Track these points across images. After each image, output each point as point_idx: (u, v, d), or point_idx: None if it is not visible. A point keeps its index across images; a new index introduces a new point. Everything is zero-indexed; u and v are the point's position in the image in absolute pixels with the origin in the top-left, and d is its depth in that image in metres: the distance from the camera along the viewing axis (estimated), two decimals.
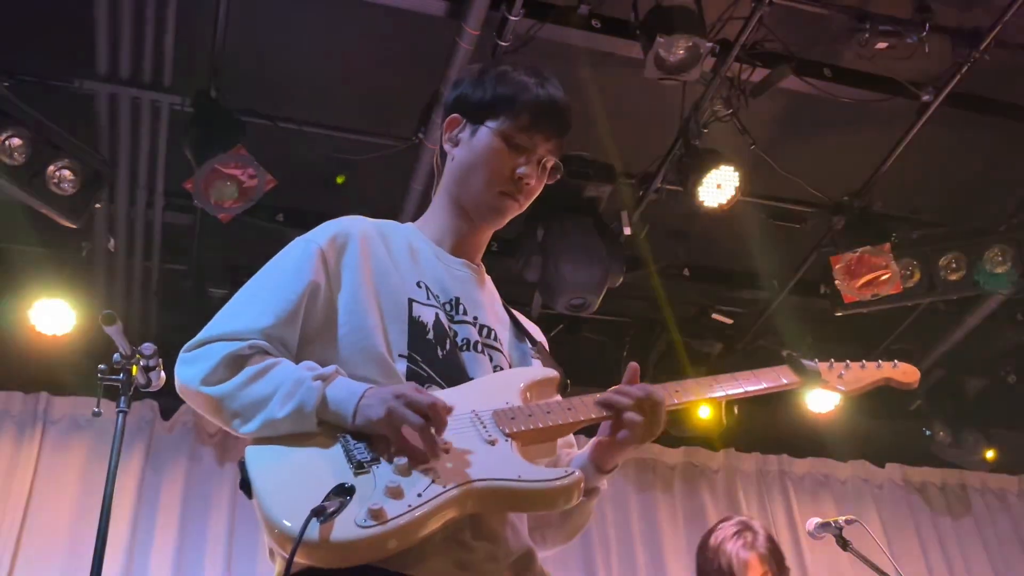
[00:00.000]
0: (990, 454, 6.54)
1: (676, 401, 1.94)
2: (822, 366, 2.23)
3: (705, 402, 2.03)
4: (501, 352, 2.00)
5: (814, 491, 6.71)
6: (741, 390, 2.06)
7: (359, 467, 1.62)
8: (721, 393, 2.03)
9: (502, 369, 1.98)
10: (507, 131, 1.98)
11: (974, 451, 6.54)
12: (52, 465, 5.40)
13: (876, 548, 3.42)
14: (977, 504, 7.04)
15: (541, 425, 1.80)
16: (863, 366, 2.29)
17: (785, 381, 2.15)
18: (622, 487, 6.34)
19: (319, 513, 1.51)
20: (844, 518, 3.51)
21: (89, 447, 5.46)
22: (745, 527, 3.64)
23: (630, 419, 1.81)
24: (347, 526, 1.52)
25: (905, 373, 2.33)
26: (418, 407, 1.64)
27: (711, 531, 3.73)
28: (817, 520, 3.54)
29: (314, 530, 1.51)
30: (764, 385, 2.11)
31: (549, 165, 2.03)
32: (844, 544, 3.50)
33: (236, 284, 1.93)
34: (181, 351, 1.80)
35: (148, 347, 3.35)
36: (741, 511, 6.37)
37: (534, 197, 2.06)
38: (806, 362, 2.18)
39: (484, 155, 1.99)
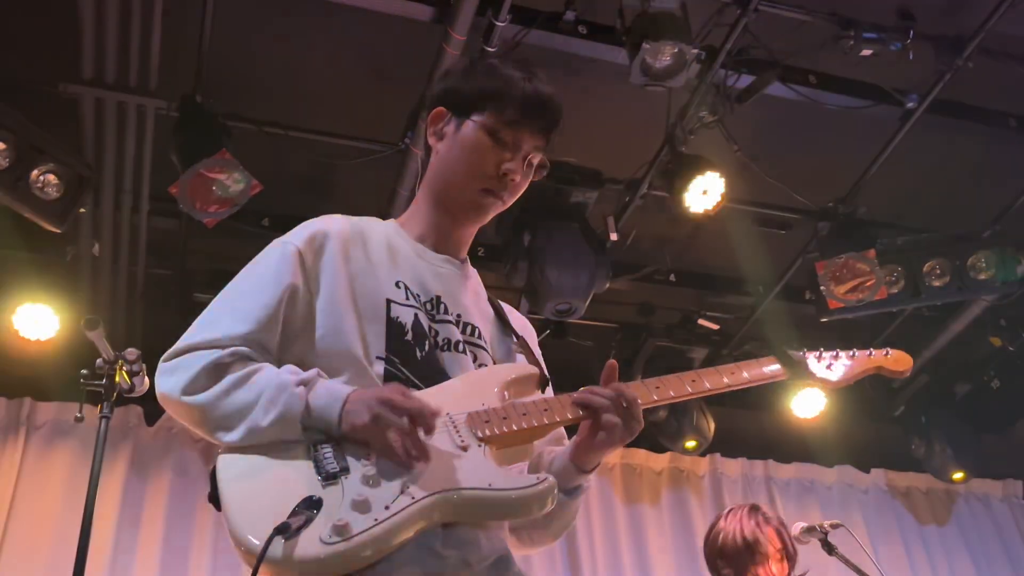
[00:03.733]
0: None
1: (656, 398, 1.89)
2: (809, 356, 2.17)
3: (688, 398, 1.97)
4: (485, 350, 1.97)
5: (800, 496, 6.72)
6: (725, 383, 1.99)
7: (328, 478, 1.60)
8: (704, 388, 1.96)
9: (484, 367, 1.94)
10: (492, 125, 1.94)
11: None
12: (35, 471, 5.35)
13: (861, 553, 3.43)
14: (961, 509, 7.06)
15: (516, 428, 1.76)
16: (853, 355, 2.23)
17: (770, 372, 2.08)
18: (608, 493, 6.34)
19: (283, 531, 1.49)
20: (830, 522, 3.52)
21: (73, 453, 5.42)
22: (757, 509, 3.64)
23: (608, 421, 1.78)
24: (311, 543, 1.50)
25: (897, 361, 2.25)
26: (403, 411, 1.63)
27: (720, 516, 3.72)
28: (803, 525, 3.54)
29: (277, 548, 1.48)
30: (748, 377, 2.04)
31: (535, 162, 1.99)
32: (830, 549, 3.51)
33: (221, 289, 1.91)
34: (160, 361, 1.78)
35: (131, 352, 3.34)
36: None
37: (519, 194, 2.02)
38: (792, 352, 2.13)
39: (468, 149, 1.95)
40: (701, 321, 6.08)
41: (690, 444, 6.21)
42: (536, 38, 4.28)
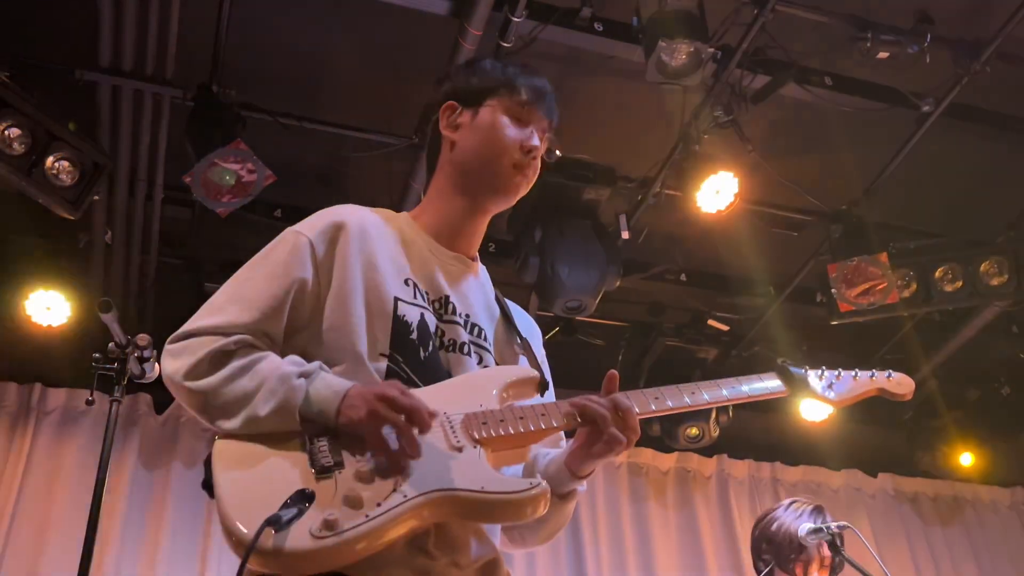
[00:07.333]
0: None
1: (654, 408, 1.87)
2: (811, 374, 2.13)
3: (686, 410, 1.95)
4: (490, 352, 1.97)
5: None
6: (724, 397, 1.97)
7: (322, 472, 1.59)
8: (703, 400, 1.94)
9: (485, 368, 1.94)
10: (510, 106, 2.02)
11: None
12: (45, 456, 5.38)
13: (867, 555, 3.42)
14: (969, 516, 7.04)
15: (511, 431, 1.74)
16: (855, 376, 2.19)
17: (771, 389, 2.05)
18: (614, 492, 6.34)
19: (274, 522, 1.48)
20: (836, 524, 3.51)
21: (82, 439, 5.44)
22: (822, 511, 3.62)
23: (611, 435, 1.77)
24: (301, 536, 1.49)
25: (899, 384, 2.22)
26: (401, 408, 1.63)
27: (781, 504, 3.71)
28: (810, 525, 3.53)
29: (268, 539, 1.48)
30: (747, 392, 2.01)
31: (546, 145, 2.06)
32: (836, 550, 3.50)
33: None
34: (167, 342, 1.78)
35: (143, 338, 3.35)
36: (733, 517, 6.38)
37: (536, 176, 2.05)
38: (794, 370, 2.08)
39: (490, 130, 2.01)
40: (711, 322, 6.08)
41: (693, 431, 6.14)
42: (552, 34, 4.28)
